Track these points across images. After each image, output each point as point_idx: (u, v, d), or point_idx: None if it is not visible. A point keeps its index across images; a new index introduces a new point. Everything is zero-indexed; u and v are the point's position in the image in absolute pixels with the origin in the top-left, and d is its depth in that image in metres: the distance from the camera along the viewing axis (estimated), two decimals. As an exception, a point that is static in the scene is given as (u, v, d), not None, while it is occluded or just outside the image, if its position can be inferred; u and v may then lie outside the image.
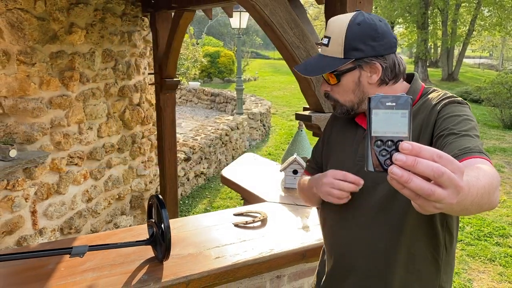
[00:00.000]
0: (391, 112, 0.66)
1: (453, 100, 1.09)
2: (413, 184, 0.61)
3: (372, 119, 0.66)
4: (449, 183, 0.60)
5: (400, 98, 0.66)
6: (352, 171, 1.21)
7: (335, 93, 1.21)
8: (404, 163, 0.61)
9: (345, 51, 1.13)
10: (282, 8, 1.78)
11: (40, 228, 3.24)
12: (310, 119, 1.95)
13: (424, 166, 0.60)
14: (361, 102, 1.19)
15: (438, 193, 0.60)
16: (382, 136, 0.66)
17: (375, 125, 0.66)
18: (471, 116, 1.05)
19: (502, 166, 7.44)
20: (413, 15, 22.84)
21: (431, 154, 0.61)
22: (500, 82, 11.97)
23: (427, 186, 0.60)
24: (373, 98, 0.67)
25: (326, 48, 1.18)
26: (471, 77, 23.66)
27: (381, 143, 0.66)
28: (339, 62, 1.14)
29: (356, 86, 1.17)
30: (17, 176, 2.98)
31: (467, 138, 0.97)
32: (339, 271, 1.26)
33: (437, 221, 1.12)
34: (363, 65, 1.14)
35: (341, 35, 1.13)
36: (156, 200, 1.59)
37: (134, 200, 4.49)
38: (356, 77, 1.17)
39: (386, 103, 0.66)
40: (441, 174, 0.60)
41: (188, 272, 1.56)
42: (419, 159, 0.60)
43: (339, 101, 1.21)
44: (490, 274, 3.93)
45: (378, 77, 1.15)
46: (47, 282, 1.48)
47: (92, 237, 1.89)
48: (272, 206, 2.30)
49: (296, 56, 1.86)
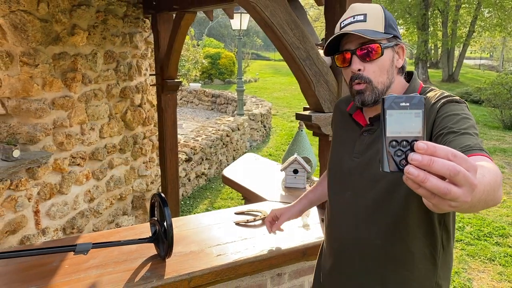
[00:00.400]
0: (405, 112, 0.66)
1: (451, 99, 1.09)
2: (429, 184, 0.61)
3: (386, 119, 0.66)
4: (464, 181, 0.61)
5: (413, 98, 0.66)
6: (349, 167, 1.23)
7: (369, 72, 1.13)
8: (420, 162, 0.61)
9: (385, 26, 1.12)
10: (282, 10, 1.81)
11: (43, 228, 3.27)
12: (310, 119, 1.97)
13: (440, 165, 0.60)
14: (387, 88, 1.16)
15: (454, 191, 0.61)
16: (397, 137, 0.66)
17: (390, 126, 0.66)
18: (469, 115, 1.06)
19: (502, 166, 7.45)
20: (413, 16, 22.87)
21: (446, 153, 0.61)
22: (500, 83, 11.98)
23: (443, 185, 0.60)
24: (387, 98, 0.67)
25: (363, 24, 1.11)
26: (471, 78, 23.66)
27: (396, 144, 0.66)
28: (381, 35, 1.11)
29: (390, 66, 1.15)
30: (20, 176, 3.01)
31: (467, 136, 0.97)
32: (338, 267, 1.28)
33: (434, 219, 1.13)
34: (396, 45, 1.15)
35: (380, 11, 1.13)
36: (158, 198, 1.61)
37: (135, 200, 4.52)
38: (391, 56, 1.14)
39: (400, 104, 0.66)
40: (456, 172, 0.60)
41: (190, 269, 1.59)
42: (435, 158, 0.61)
43: (373, 82, 1.14)
44: (490, 274, 3.94)
45: (402, 62, 1.16)
46: (52, 279, 1.50)
47: (96, 235, 1.92)
48: (272, 205, 2.33)
49: (296, 57, 1.89)
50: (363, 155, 1.20)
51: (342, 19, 1.17)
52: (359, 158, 1.21)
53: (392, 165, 0.67)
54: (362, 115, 1.27)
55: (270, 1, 1.78)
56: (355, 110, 1.28)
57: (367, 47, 1.11)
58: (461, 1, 22.19)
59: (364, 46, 1.12)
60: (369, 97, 1.14)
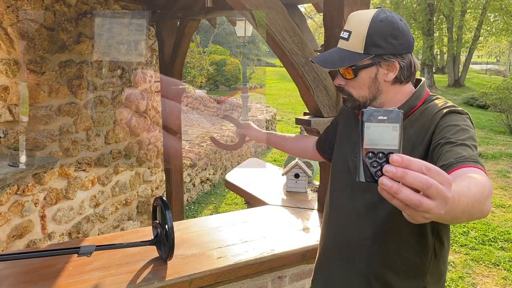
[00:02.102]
0: (383, 126, 0.68)
1: (453, 110, 1.10)
2: (402, 195, 0.63)
3: (364, 132, 0.69)
4: (437, 194, 0.62)
5: (391, 112, 0.68)
6: (350, 166, 1.26)
7: (350, 87, 1.21)
8: (394, 174, 0.63)
9: (365, 46, 1.13)
10: (281, 17, 1.85)
11: (49, 233, 3.32)
12: (309, 123, 2.00)
13: (413, 178, 0.62)
14: (374, 98, 1.19)
15: (426, 203, 0.62)
16: (374, 148, 0.68)
17: (367, 138, 0.69)
18: (469, 126, 1.07)
19: (507, 171, 7.41)
20: (419, 21, 22.88)
21: (420, 167, 0.63)
22: (506, 87, 11.93)
23: (415, 197, 0.62)
24: (366, 112, 0.69)
25: (345, 42, 1.16)
26: (477, 83, 23.55)
27: (373, 155, 0.68)
28: (358, 57, 1.14)
29: (372, 83, 1.18)
30: (27, 182, 3.07)
31: (463, 147, 0.98)
32: (326, 263, 1.31)
33: (427, 227, 1.14)
34: (382, 62, 1.15)
35: (363, 30, 1.13)
36: (160, 202, 1.65)
37: (140, 205, 4.56)
38: (373, 73, 1.17)
39: (378, 117, 0.69)
40: (429, 185, 0.62)
41: (191, 271, 1.62)
42: (409, 171, 0.62)
43: (353, 96, 1.21)
44: (494, 279, 3.93)
45: (395, 75, 1.16)
46: (56, 280, 1.54)
47: (100, 238, 1.96)
48: (274, 209, 2.36)
49: (295, 63, 1.93)
50: None
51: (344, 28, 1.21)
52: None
53: (368, 175, 0.69)
54: None
55: (269, 9, 1.83)
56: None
57: (342, 70, 1.19)
58: (467, 6, 22.17)
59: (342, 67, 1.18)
60: (351, 105, 1.24)
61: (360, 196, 1.20)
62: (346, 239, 1.24)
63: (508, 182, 6.81)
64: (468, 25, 23.52)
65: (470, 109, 15.05)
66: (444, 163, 0.96)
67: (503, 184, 6.71)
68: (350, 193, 1.24)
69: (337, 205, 1.29)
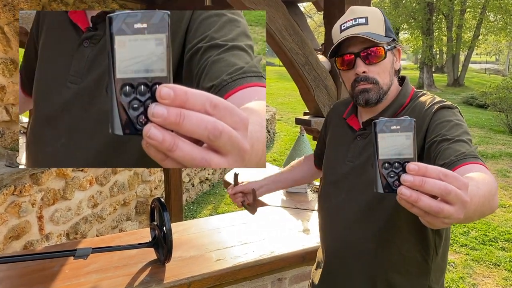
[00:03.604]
0: (396, 135, 0.67)
1: (443, 105, 1.10)
2: (422, 203, 0.61)
3: (378, 142, 0.67)
4: (456, 199, 0.61)
5: (404, 121, 0.67)
6: (343, 171, 1.24)
7: (374, 73, 1.14)
8: (412, 183, 0.61)
9: (385, 29, 1.12)
10: (281, 15, 1.82)
11: (46, 233, 3.29)
12: (310, 123, 1.98)
13: (431, 185, 0.61)
14: (388, 90, 1.17)
15: (446, 209, 0.61)
16: (389, 159, 0.67)
17: (382, 149, 0.67)
18: (461, 120, 1.07)
19: (507, 171, 7.40)
20: (418, 21, 22.86)
21: (437, 173, 0.62)
22: (505, 87, 11.92)
23: (435, 204, 0.61)
24: (379, 122, 0.67)
25: (365, 27, 1.12)
26: (477, 82, 23.56)
27: (389, 166, 0.67)
28: (383, 38, 1.12)
29: (391, 69, 1.16)
30: (24, 182, 3.04)
31: (460, 143, 0.97)
32: (329, 270, 1.28)
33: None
34: (396, 48, 1.16)
35: (379, 14, 1.13)
36: (158, 203, 1.62)
37: (139, 205, 4.54)
38: (392, 58, 1.16)
39: (391, 127, 0.67)
40: (448, 192, 0.60)
41: (189, 274, 1.59)
42: (426, 178, 0.61)
43: (379, 83, 1.14)
44: (495, 279, 3.91)
45: (399, 65, 1.16)
46: (52, 283, 1.51)
47: (97, 240, 1.93)
48: (273, 210, 2.33)
49: (295, 62, 1.90)
50: (357, 159, 1.20)
51: (341, 22, 1.17)
52: (353, 162, 1.21)
53: (385, 186, 0.67)
54: (356, 120, 1.27)
55: (269, 7, 1.80)
56: (350, 115, 1.29)
57: (371, 50, 1.12)
58: (466, 5, 22.17)
59: (368, 49, 1.13)
60: (374, 96, 1.14)
61: (357, 200, 1.19)
62: (346, 244, 1.21)
63: (508, 182, 6.79)
64: (468, 24, 23.51)
65: (470, 109, 15.04)
66: (444, 162, 0.94)
67: (503, 184, 6.70)
68: (345, 198, 1.22)
69: (333, 211, 1.27)
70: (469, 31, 23.43)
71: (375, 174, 0.68)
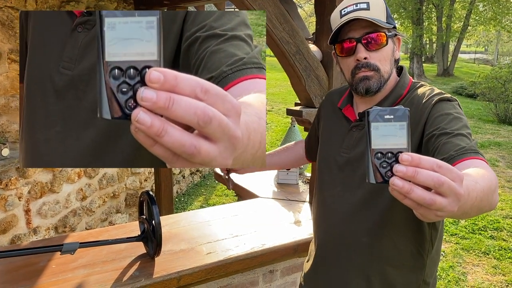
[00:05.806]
0: (389, 125, 0.65)
1: (443, 98, 1.07)
2: (414, 195, 0.60)
3: (371, 132, 0.65)
4: (449, 191, 0.60)
5: (398, 111, 0.65)
6: (338, 162, 1.21)
7: (375, 60, 1.10)
8: (404, 174, 0.60)
9: (386, 16, 1.10)
10: (271, 3, 1.78)
11: (34, 227, 3.24)
12: (301, 114, 1.95)
13: (424, 177, 0.59)
14: (388, 78, 1.14)
15: (439, 202, 0.60)
16: (382, 149, 0.65)
17: (375, 138, 0.65)
18: (461, 113, 1.04)
19: (496, 160, 7.47)
20: (408, 11, 22.85)
21: (431, 164, 0.60)
22: (494, 76, 12.00)
23: (428, 196, 0.60)
24: (372, 111, 0.65)
25: (366, 12, 1.08)
26: (466, 72, 23.70)
27: (381, 156, 0.65)
28: (385, 24, 1.09)
29: (392, 57, 1.13)
30: (10, 175, 2.97)
31: (460, 137, 0.95)
32: (322, 263, 1.27)
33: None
34: (396, 36, 1.14)
35: (381, 0, 1.10)
36: (146, 197, 1.59)
37: (129, 198, 4.49)
38: (392, 46, 1.13)
39: (385, 116, 0.65)
40: (441, 183, 0.59)
41: (179, 267, 1.57)
42: (419, 169, 0.60)
43: (380, 70, 1.11)
44: (485, 267, 3.95)
45: (398, 55, 1.14)
46: (38, 279, 1.48)
47: (84, 234, 1.89)
48: (265, 201, 2.31)
49: (286, 51, 1.86)
50: (352, 150, 1.17)
51: (342, 7, 1.13)
52: (348, 154, 1.18)
53: (378, 176, 0.65)
54: (352, 110, 1.24)
55: (259, -5, 1.75)
56: (345, 105, 1.25)
57: (373, 36, 1.09)
58: (456, -5, 22.22)
59: (369, 34, 1.09)
60: (375, 84, 1.11)
61: (352, 193, 1.16)
62: (341, 237, 1.19)
63: (497, 171, 6.85)
64: (457, 14, 23.56)
65: (459, 98, 15.11)
66: (444, 156, 0.91)
67: (492, 173, 6.75)
68: (341, 190, 1.20)
69: (328, 203, 1.24)
70: (459, 21, 23.50)
71: (367, 164, 0.66)
